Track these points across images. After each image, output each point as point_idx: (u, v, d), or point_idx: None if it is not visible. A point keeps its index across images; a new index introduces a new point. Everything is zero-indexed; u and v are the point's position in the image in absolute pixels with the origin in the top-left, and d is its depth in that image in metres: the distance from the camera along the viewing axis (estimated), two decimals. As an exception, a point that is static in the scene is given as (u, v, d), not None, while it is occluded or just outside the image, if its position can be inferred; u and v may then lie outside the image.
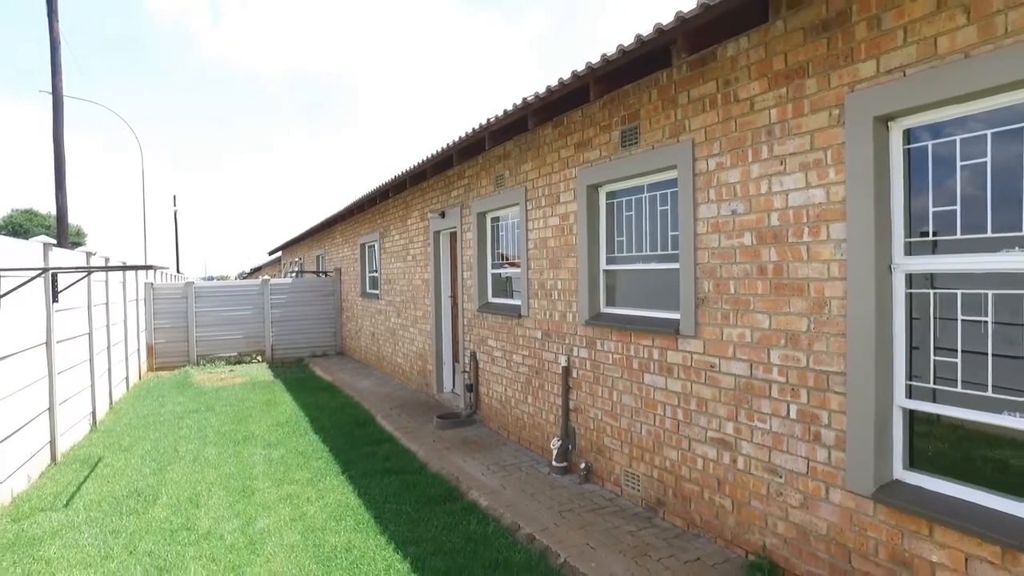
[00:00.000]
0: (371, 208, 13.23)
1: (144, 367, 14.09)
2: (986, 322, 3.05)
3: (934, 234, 3.26)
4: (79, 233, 57.50)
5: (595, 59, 4.46)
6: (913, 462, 3.40)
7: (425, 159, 8.26)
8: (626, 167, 5.22)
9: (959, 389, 3.16)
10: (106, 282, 9.91)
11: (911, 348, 3.39)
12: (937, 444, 3.31)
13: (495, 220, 7.99)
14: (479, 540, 4.65)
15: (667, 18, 3.86)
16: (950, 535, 3.03)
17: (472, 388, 8.28)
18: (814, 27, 3.64)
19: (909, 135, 3.35)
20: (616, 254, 5.67)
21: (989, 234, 3.02)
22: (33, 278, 5.53)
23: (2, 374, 5.46)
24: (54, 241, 7.06)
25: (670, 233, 4.97)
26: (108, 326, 9.95)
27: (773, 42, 3.90)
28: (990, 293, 3.03)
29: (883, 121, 3.35)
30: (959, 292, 3.15)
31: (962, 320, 3.15)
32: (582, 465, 5.83)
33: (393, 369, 12.17)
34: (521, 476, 6.03)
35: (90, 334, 8.68)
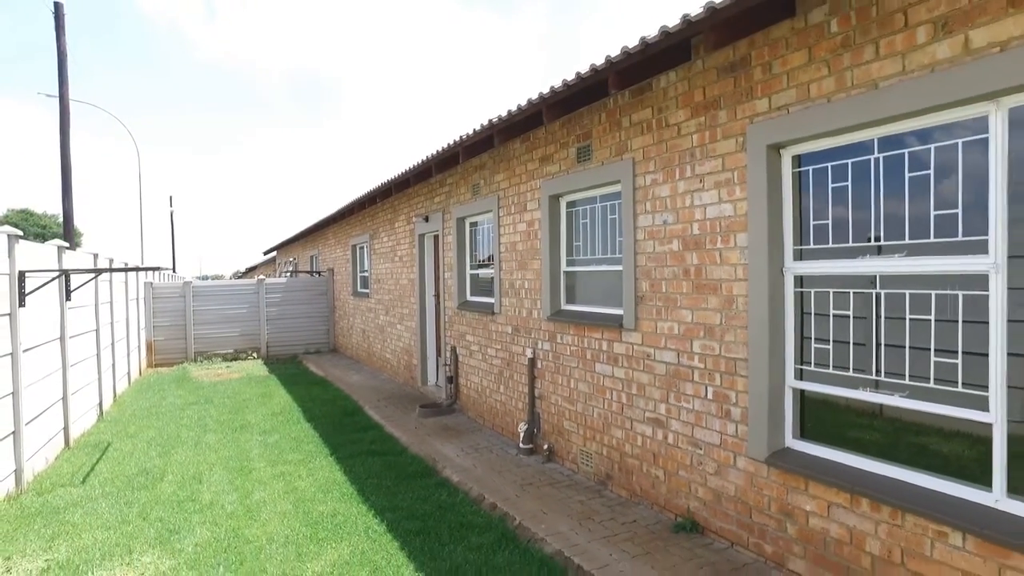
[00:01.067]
0: (361, 211, 13.90)
1: (144, 363, 14.71)
2: (848, 316, 3.74)
3: (812, 241, 3.94)
4: (75, 232, 58.07)
5: (546, 90, 5.15)
6: (804, 432, 4.09)
7: (408, 169, 8.94)
8: (581, 180, 5.90)
9: (831, 371, 3.85)
10: (110, 282, 10.54)
11: (802, 338, 4.08)
12: (818, 416, 4.00)
13: (473, 225, 8.67)
14: (448, 508, 5.33)
15: (610, 53, 4.54)
16: (818, 488, 3.72)
17: (452, 380, 8.96)
18: (724, 67, 4.32)
19: (799, 160, 4.03)
20: (575, 257, 6.35)
21: (851, 243, 3.71)
22: (54, 278, 6.19)
23: (27, 365, 6.11)
24: (67, 244, 7.69)
25: (617, 239, 5.65)
26: (112, 323, 10.58)
27: (695, 77, 4.58)
28: (852, 292, 3.72)
29: (775, 149, 4.03)
30: (831, 291, 3.84)
31: (833, 314, 3.84)
32: (545, 446, 6.52)
33: (382, 364, 12.84)
34: (491, 457, 6.71)
35: (97, 331, 9.32)
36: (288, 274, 22.45)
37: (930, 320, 3.33)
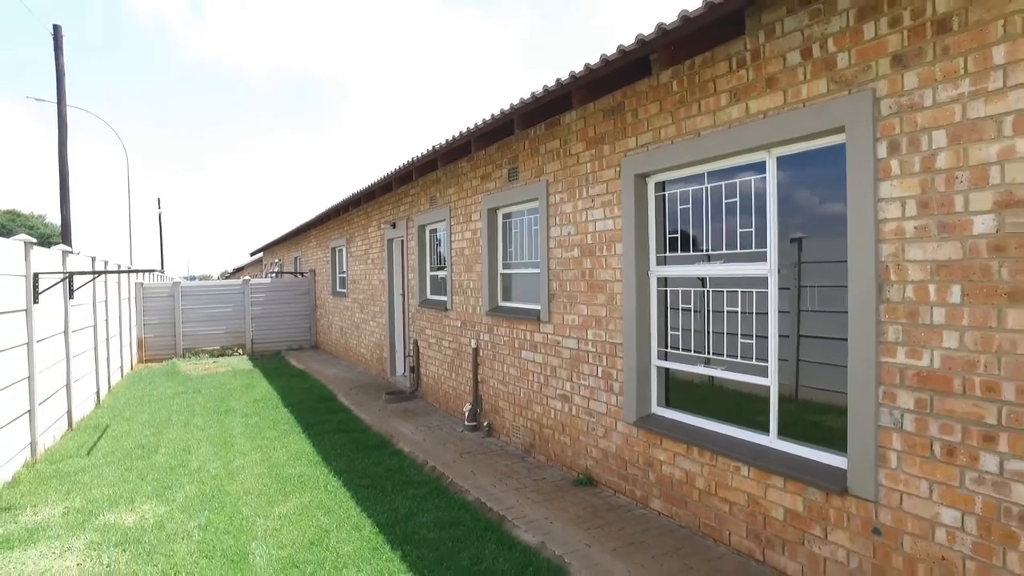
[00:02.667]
0: (338, 217, 14.94)
1: (135, 358, 15.68)
2: (691, 308, 4.86)
3: (671, 249, 5.05)
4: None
5: (471, 125, 6.25)
6: (668, 401, 5.19)
7: (373, 182, 10.02)
8: (511, 196, 6.99)
9: (682, 351, 4.97)
10: (105, 282, 11.53)
11: (666, 326, 5.18)
12: (677, 388, 5.11)
13: (432, 231, 9.76)
14: (396, 470, 6.41)
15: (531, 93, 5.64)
16: (668, 442, 4.83)
17: (415, 370, 10.04)
18: (607, 110, 5.42)
19: (663, 186, 5.13)
20: (509, 261, 7.44)
21: (691, 252, 4.82)
22: (62, 279, 7.21)
23: (39, 354, 7.14)
24: (70, 249, 8.70)
25: (537, 246, 6.74)
26: (107, 320, 11.58)
27: (588, 117, 5.68)
28: (692, 290, 4.83)
29: (642, 177, 5.14)
30: (680, 290, 4.96)
31: (682, 308, 4.95)
32: (485, 423, 7.61)
33: (357, 358, 13.89)
34: (440, 433, 7.80)
35: (95, 327, 10.33)
36: (274, 275, 23.43)
37: (737, 311, 4.45)
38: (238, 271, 46.85)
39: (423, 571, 4.14)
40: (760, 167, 4.20)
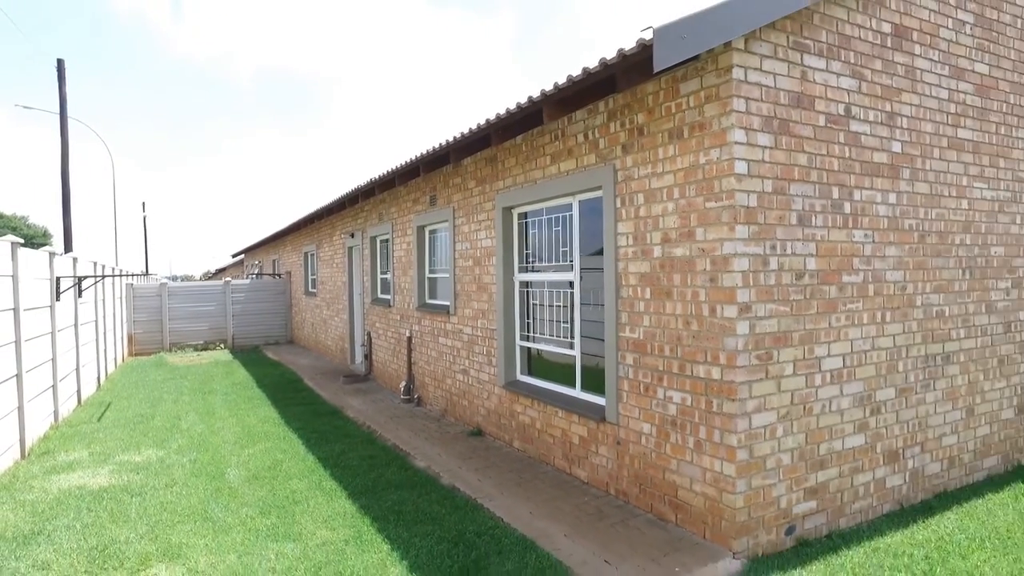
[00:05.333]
0: (310, 225, 16.85)
1: (126, 352, 17.47)
2: (539, 304, 6.86)
3: (528, 261, 7.04)
4: (46, 234, 59.49)
5: (396, 165, 8.22)
6: (530, 371, 7.18)
7: (332, 201, 11.98)
8: (432, 217, 8.98)
9: (534, 334, 6.97)
10: (103, 283, 13.36)
11: (526, 316, 7.17)
12: (534, 361, 7.11)
13: (381, 241, 11.71)
14: (340, 428, 8.37)
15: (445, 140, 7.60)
16: (523, 399, 6.83)
17: (368, 357, 12.00)
18: (488, 159, 7.41)
19: (525, 215, 7.13)
20: (433, 267, 9.43)
21: (542, 263, 6.82)
22: (77, 283, 9.09)
23: (59, 341, 9.02)
24: (76, 256, 10.56)
25: (448, 256, 8.73)
26: (105, 317, 13.42)
27: (477, 162, 7.66)
28: (539, 291, 6.84)
29: (509, 208, 7.13)
30: (535, 290, 6.96)
31: (534, 303, 6.95)
32: (416, 396, 9.60)
33: (324, 350, 15.81)
34: (381, 405, 9.77)
35: (96, 321, 12.18)
36: (254, 276, 25.24)
37: (562, 305, 6.46)
38: (220, 272, 48.40)
39: (343, 481, 6.12)
40: (570, 207, 6.21)
